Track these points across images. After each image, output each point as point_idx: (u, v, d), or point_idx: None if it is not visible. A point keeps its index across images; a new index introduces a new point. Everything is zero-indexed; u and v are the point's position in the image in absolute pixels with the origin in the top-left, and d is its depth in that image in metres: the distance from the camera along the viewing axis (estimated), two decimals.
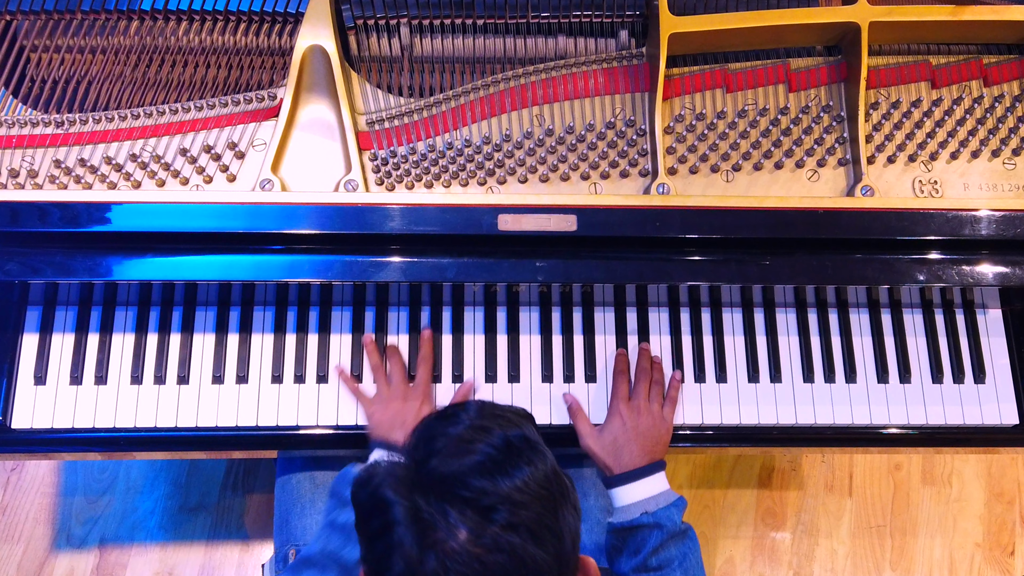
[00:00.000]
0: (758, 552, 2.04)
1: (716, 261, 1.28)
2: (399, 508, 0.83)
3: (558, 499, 0.86)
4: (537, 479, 0.85)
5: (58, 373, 1.34)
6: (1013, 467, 2.14)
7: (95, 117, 1.30)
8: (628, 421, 1.28)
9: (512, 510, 0.82)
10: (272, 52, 1.37)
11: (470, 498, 0.82)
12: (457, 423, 0.89)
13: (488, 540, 0.81)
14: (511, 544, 0.81)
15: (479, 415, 0.90)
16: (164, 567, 1.98)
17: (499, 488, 0.82)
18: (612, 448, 1.27)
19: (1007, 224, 1.26)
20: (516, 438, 0.87)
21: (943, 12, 1.32)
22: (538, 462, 0.87)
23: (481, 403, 0.94)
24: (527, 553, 0.81)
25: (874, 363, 1.40)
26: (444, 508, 0.82)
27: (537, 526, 0.83)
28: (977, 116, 1.35)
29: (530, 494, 0.83)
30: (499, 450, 0.85)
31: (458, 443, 0.86)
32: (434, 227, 1.23)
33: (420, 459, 0.86)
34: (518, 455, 0.86)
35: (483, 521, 0.81)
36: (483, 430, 0.87)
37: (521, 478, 0.84)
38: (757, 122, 1.33)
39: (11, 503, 2.02)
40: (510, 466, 0.84)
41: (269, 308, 1.38)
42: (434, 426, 0.90)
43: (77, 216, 1.22)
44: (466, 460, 0.84)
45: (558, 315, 1.40)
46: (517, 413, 0.94)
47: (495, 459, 0.84)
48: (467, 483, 0.82)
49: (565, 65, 1.34)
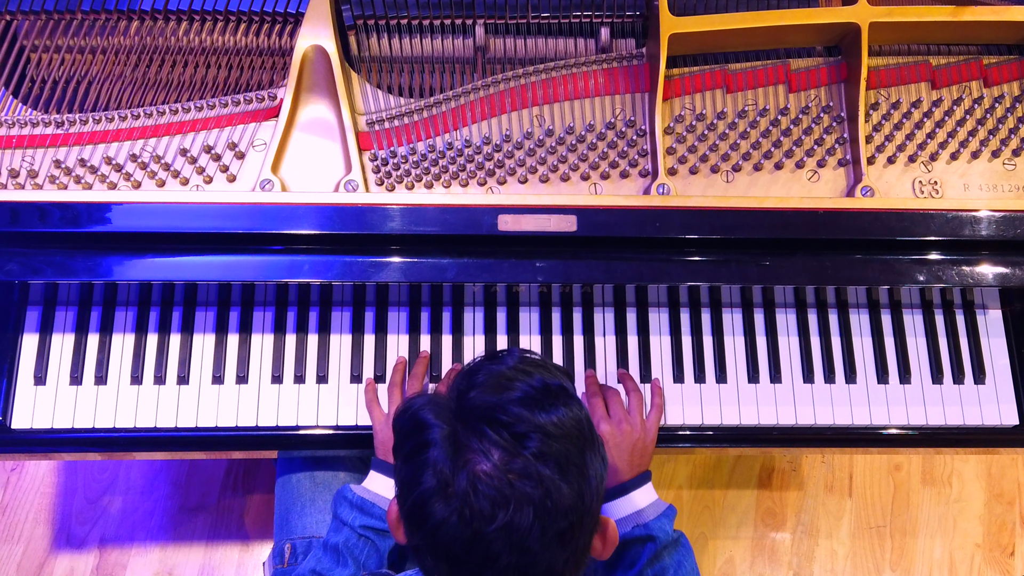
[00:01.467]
0: (758, 552, 2.04)
1: (716, 261, 1.28)
2: (436, 430, 0.87)
3: (588, 442, 0.90)
4: (571, 419, 0.89)
5: (58, 373, 1.34)
6: (1013, 468, 2.14)
7: (95, 117, 1.30)
8: (611, 439, 1.27)
9: (544, 440, 0.85)
10: (272, 52, 1.37)
11: (507, 422, 0.85)
12: (500, 363, 0.93)
13: (519, 465, 0.84)
14: (539, 473, 0.84)
15: (522, 360, 0.95)
16: (164, 567, 1.98)
17: (535, 418, 0.86)
18: None
19: (1007, 224, 1.26)
20: (554, 385, 0.91)
21: (943, 13, 1.32)
22: (574, 407, 0.91)
23: (525, 351, 1.00)
24: (554, 485, 0.84)
25: (874, 363, 1.40)
26: (482, 429, 0.85)
27: (565, 461, 0.86)
28: (977, 117, 1.35)
29: (563, 429, 0.87)
30: (537, 390, 0.89)
31: (499, 378, 0.90)
32: (434, 227, 1.23)
33: (462, 389, 0.91)
34: (555, 396, 0.89)
35: (516, 446, 0.84)
36: (524, 372, 0.91)
37: (557, 415, 0.87)
38: (757, 122, 1.33)
39: (11, 503, 2.02)
40: (547, 403, 0.88)
41: (269, 308, 1.38)
42: (479, 364, 0.95)
43: (77, 216, 1.22)
44: (505, 393, 0.88)
45: (558, 315, 1.40)
46: (557, 368, 1.00)
47: (532, 396, 0.88)
48: (506, 409, 0.86)
49: (565, 65, 1.34)
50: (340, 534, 1.18)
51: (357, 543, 1.17)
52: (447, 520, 0.84)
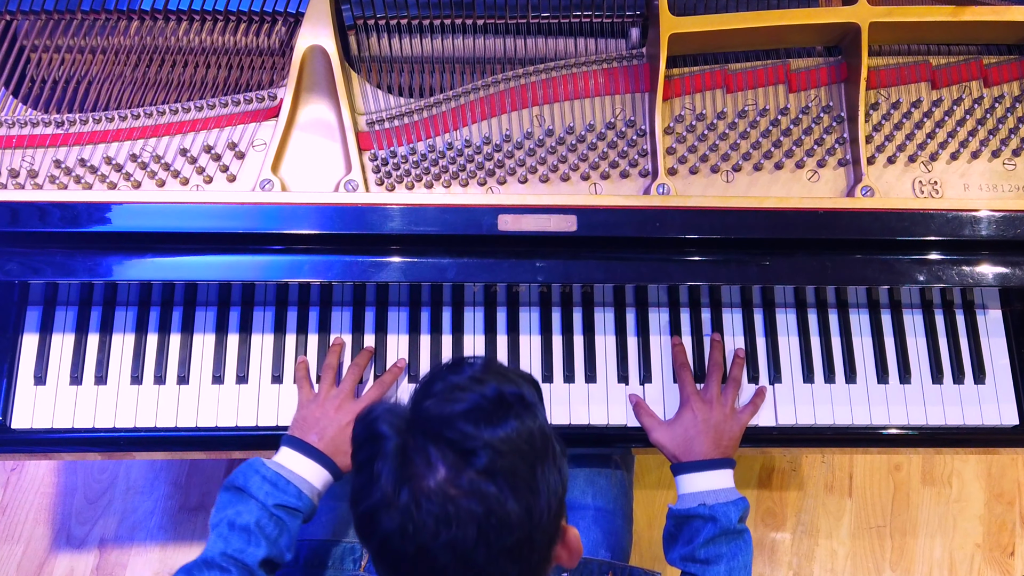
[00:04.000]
0: (758, 552, 2.04)
1: (716, 261, 1.28)
2: (389, 442, 0.85)
3: (540, 457, 0.87)
4: (521, 434, 0.86)
5: (58, 373, 1.34)
6: (1013, 468, 2.14)
7: (95, 117, 1.30)
8: (699, 414, 1.28)
9: (492, 457, 0.83)
10: (272, 52, 1.37)
11: (453, 439, 0.83)
12: (460, 373, 0.90)
13: (464, 483, 0.82)
14: (485, 490, 0.82)
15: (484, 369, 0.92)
16: (164, 567, 1.98)
17: (482, 434, 0.83)
18: (682, 440, 1.27)
19: (1007, 224, 1.26)
20: (510, 394, 0.88)
21: (943, 13, 1.32)
22: (527, 419, 0.87)
23: (489, 359, 0.97)
24: (499, 503, 0.82)
25: (874, 363, 1.40)
26: (427, 446, 0.84)
27: (513, 477, 0.84)
28: (977, 117, 1.35)
29: (511, 446, 0.84)
30: (489, 401, 0.86)
31: (452, 388, 0.87)
32: (434, 227, 1.23)
33: (417, 399, 0.89)
34: (507, 408, 0.87)
35: (461, 463, 0.83)
36: (479, 381, 0.88)
37: (505, 430, 0.85)
38: (757, 122, 1.33)
39: (11, 503, 2.02)
40: (497, 417, 0.85)
41: (269, 308, 1.38)
42: (437, 372, 0.92)
43: (77, 216, 1.22)
44: (456, 405, 0.85)
45: (558, 315, 1.40)
46: (520, 375, 0.95)
47: (483, 408, 0.86)
48: (453, 425, 0.84)
49: (565, 65, 1.34)
50: (249, 513, 1.14)
51: (268, 522, 1.13)
52: (392, 534, 0.83)
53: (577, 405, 1.36)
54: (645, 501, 2.04)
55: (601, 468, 1.49)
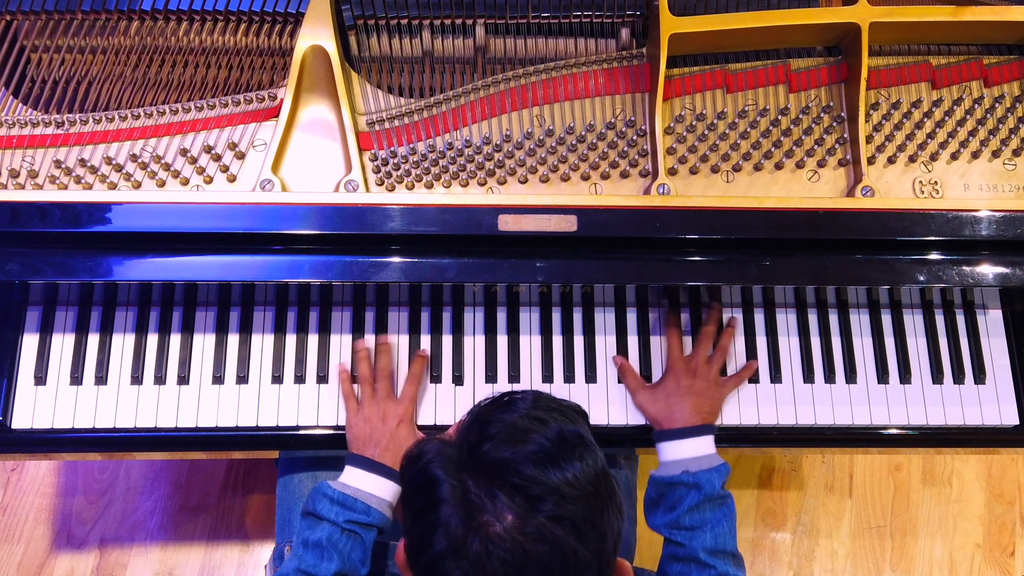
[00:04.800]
0: (758, 552, 2.04)
1: (716, 261, 1.28)
2: (447, 487, 0.84)
3: (605, 499, 0.87)
4: (587, 476, 0.86)
5: (58, 373, 1.34)
6: (1013, 468, 2.14)
7: (95, 117, 1.30)
8: (683, 379, 1.29)
9: (559, 502, 0.82)
10: (272, 52, 1.37)
11: (520, 485, 0.82)
12: (513, 411, 0.90)
13: (533, 529, 0.81)
14: (555, 536, 0.82)
15: (535, 405, 0.91)
16: (164, 567, 1.98)
17: (549, 479, 0.83)
18: (664, 405, 1.28)
19: (1007, 225, 1.26)
20: (571, 434, 0.88)
21: (943, 13, 1.31)
22: (589, 459, 0.87)
23: (538, 394, 0.95)
24: (569, 546, 0.82)
25: (874, 364, 1.40)
26: (493, 492, 0.83)
27: (582, 522, 0.83)
28: (977, 117, 1.35)
29: (579, 489, 0.84)
30: (553, 443, 0.86)
31: (512, 430, 0.87)
32: (434, 227, 1.23)
33: (473, 442, 0.87)
34: (571, 450, 0.86)
35: (530, 509, 0.82)
36: (539, 421, 0.88)
37: (572, 472, 0.84)
38: (757, 123, 1.33)
39: (11, 503, 2.02)
40: (562, 459, 0.85)
41: (269, 308, 1.38)
42: (489, 412, 0.91)
43: (77, 216, 1.21)
44: (519, 448, 0.85)
45: (558, 315, 1.40)
46: (573, 408, 0.95)
47: (548, 451, 0.85)
48: (518, 470, 0.83)
49: (565, 65, 1.34)
50: (320, 530, 1.16)
51: (341, 537, 1.16)
52: None
53: None
54: None
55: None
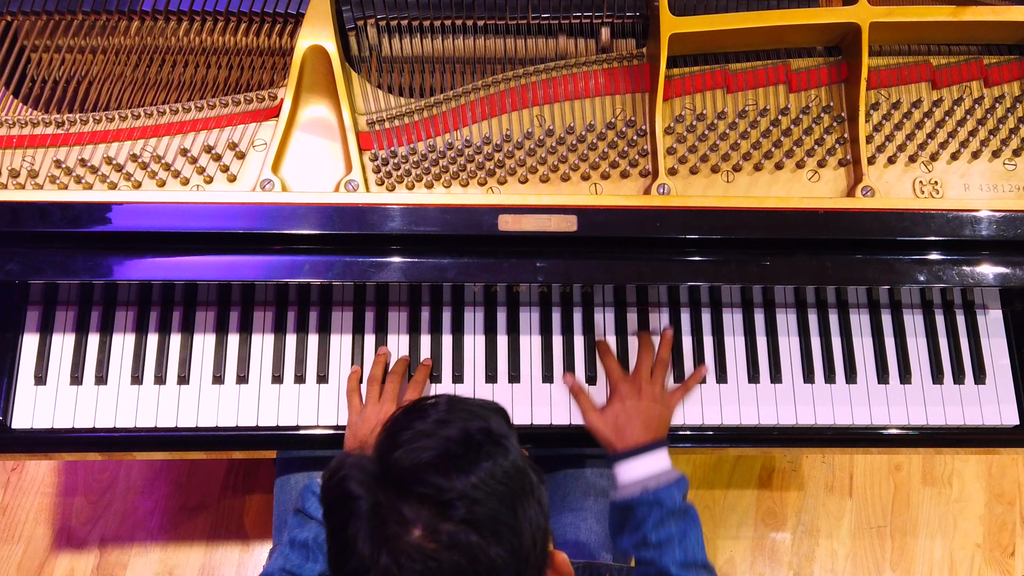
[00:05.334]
0: (758, 552, 2.04)
1: (716, 261, 1.28)
2: (361, 502, 0.82)
3: (518, 495, 0.85)
4: (495, 475, 0.83)
5: (58, 373, 1.34)
6: (1013, 468, 2.14)
7: (95, 117, 1.30)
8: (628, 400, 1.28)
9: (468, 506, 0.81)
10: (272, 52, 1.37)
11: (426, 494, 0.81)
12: (424, 417, 0.88)
13: (443, 537, 0.80)
14: (466, 541, 0.80)
15: (445, 409, 0.89)
16: (164, 567, 1.98)
17: (455, 484, 0.81)
18: (614, 426, 1.27)
19: (1007, 225, 1.26)
20: (477, 431, 0.86)
21: (943, 13, 1.32)
22: (499, 457, 0.85)
23: (451, 397, 0.93)
24: (482, 551, 0.80)
25: (874, 364, 1.40)
26: (400, 503, 0.81)
27: (493, 523, 0.82)
28: (977, 117, 1.35)
29: (487, 490, 0.82)
30: (457, 444, 0.84)
31: (418, 437, 0.85)
32: (434, 227, 1.23)
33: (383, 452, 0.86)
34: (477, 449, 0.84)
35: (438, 517, 0.80)
36: (444, 423, 0.86)
37: (478, 474, 0.82)
38: (757, 123, 1.33)
39: (11, 503, 2.02)
40: (467, 461, 0.83)
41: (269, 308, 1.38)
42: (400, 420, 0.89)
43: (78, 216, 1.21)
44: (423, 455, 0.83)
45: (558, 315, 1.40)
46: (484, 406, 0.93)
47: (453, 453, 0.83)
48: (423, 478, 0.81)
49: (565, 65, 1.34)
50: (308, 529, 1.16)
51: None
52: None
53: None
54: None
55: (603, 469, 1.49)
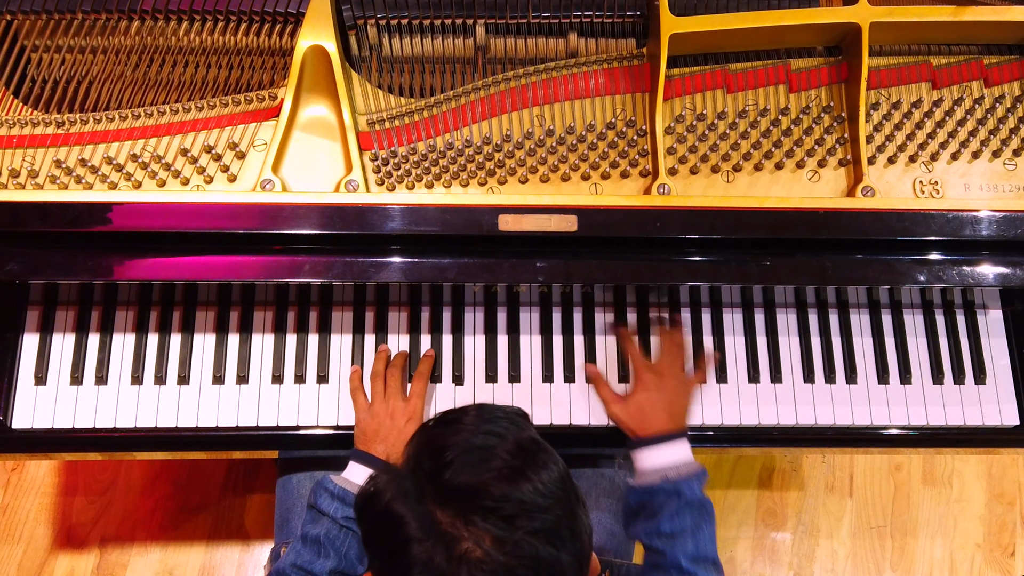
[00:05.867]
0: (758, 552, 2.04)
1: (716, 261, 1.28)
2: (414, 524, 0.84)
3: (574, 500, 0.88)
4: (554, 481, 0.87)
5: (59, 373, 1.34)
6: (1014, 468, 2.14)
7: (95, 117, 1.30)
8: (651, 384, 1.28)
9: (534, 516, 0.83)
10: (273, 52, 1.37)
11: (492, 507, 0.83)
12: (461, 429, 0.89)
13: (511, 548, 0.82)
14: (535, 549, 0.82)
15: (480, 419, 0.91)
16: (164, 567, 1.98)
17: (520, 495, 0.84)
18: (638, 414, 1.27)
19: (1008, 225, 1.26)
20: (527, 441, 0.89)
21: (944, 13, 1.31)
22: (551, 464, 0.88)
23: (480, 407, 0.95)
24: (552, 556, 0.83)
25: (874, 364, 1.40)
26: (466, 519, 0.83)
27: (558, 528, 0.84)
28: (978, 117, 1.35)
29: (550, 498, 0.85)
30: (514, 455, 0.87)
31: (470, 451, 0.87)
32: (435, 227, 1.23)
33: (430, 471, 0.87)
34: (532, 458, 0.87)
35: (508, 528, 0.82)
36: (494, 435, 0.88)
37: (540, 482, 0.85)
38: (758, 123, 1.33)
39: (11, 503, 2.02)
40: (528, 470, 0.86)
41: (269, 308, 1.38)
42: (439, 436, 0.90)
43: (78, 216, 1.21)
44: (483, 469, 0.85)
45: (558, 315, 1.40)
46: (517, 413, 0.95)
47: (512, 465, 0.86)
48: (488, 492, 0.83)
49: (566, 65, 1.34)
50: (320, 525, 1.17)
51: (339, 534, 1.16)
52: None
53: (578, 405, 1.36)
54: None
55: (604, 469, 1.49)
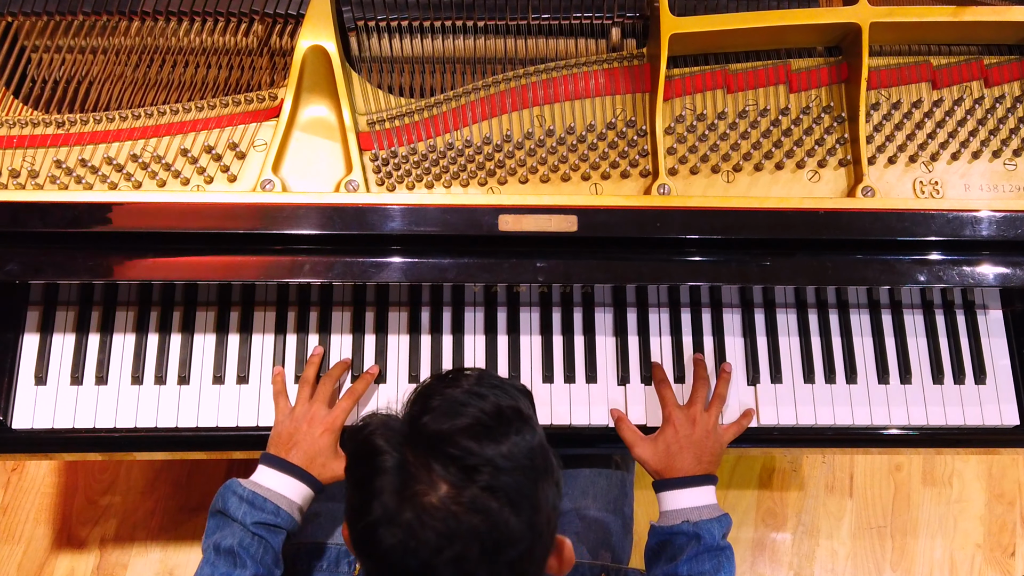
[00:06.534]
0: (759, 552, 2.04)
1: (717, 262, 1.28)
2: (388, 458, 0.86)
3: (540, 472, 0.88)
4: (523, 449, 0.87)
5: (59, 373, 1.34)
6: (1014, 468, 2.14)
7: (95, 117, 1.30)
8: (682, 429, 1.27)
9: (494, 473, 0.84)
10: (273, 52, 1.37)
11: (455, 456, 0.84)
12: (455, 386, 0.92)
13: (467, 499, 0.83)
14: (488, 506, 0.83)
15: (478, 382, 0.93)
16: (164, 567, 1.98)
17: (484, 451, 0.85)
18: (664, 456, 1.26)
19: (1008, 225, 1.26)
20: (508, 408, 0.90)
21: (944, 13, 1.31)
22: (526, 433, 0.89)
23: (482, 371, 0.98)
24: (502, 518, 0.83)
25: (874, 364, 1.39)
26: (428, 463, 0.84)
27: (516, 494, 0.85)
28: (978, 117, 1.35)
29: (514, 462, 0.86)
30: (490, 416, 0.88)
31: (452, 404, 0.89)
32: (435, 227, 1.23)
33: (414, 414, 0.89)
34: (507, 424, 0.88)
35: (465, 480, 0.83)
36: (478, 396, 0.90)
37: (507, 445, 0.86)
38: (758, 123, 1.33)
39: (11, 503, 2.02)
40: (498, 433, 0.87)
41: (269, 308, 1.38)
42: (433, 386, 0.93)
43: (78, 216, 1.21)
44: (457, 420, 0.87)
45: (558, 316, 1.40)
46: (515, 386, 0.97)
47: (485, 423, 0.87)
48: (455, 441, 0.85)
49: (566, 66, 1.34)
50: (232, 535, 1.14)
51: (252, 542, 1.14)
52: (394, 549, 0.83)
53: (578, 405, 1.36)
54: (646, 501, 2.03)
55: (601, 468, 1.49)
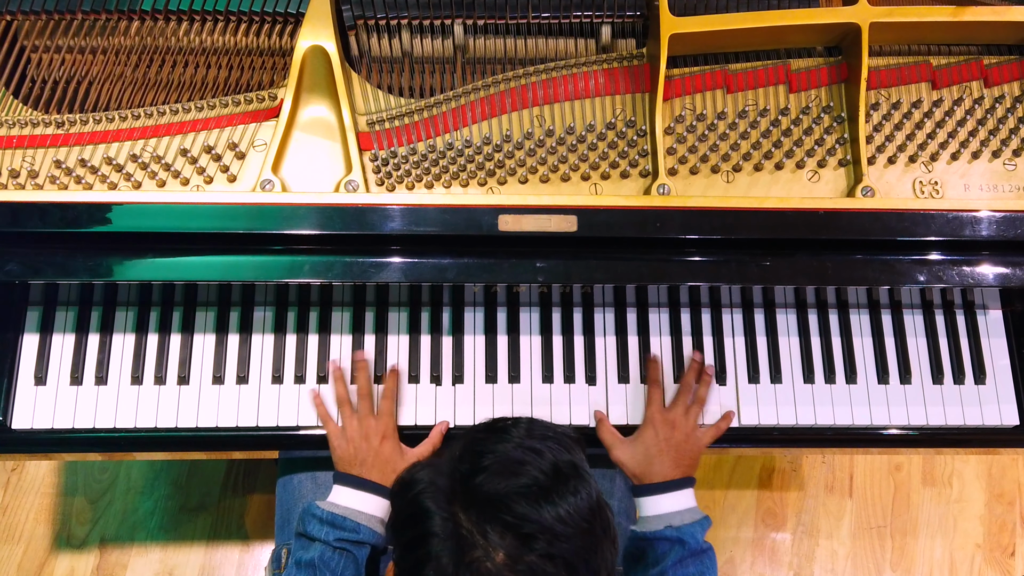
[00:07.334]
0: (758, 552, 2.04)
1: (716, 262, 1.28)
2: (438, 520, 0.84)
3: (599, 535, 0.87)
4: (581, 511, 0.85)
5: (58, 373, 1.34)
6: (1013, 468, 2.14)
7: (95, 117, 1.30)
8: (661, 432, 1.27)
9: (552, 540, 0.82)
10: (272, 52, 1.37)
11: (512, 523, 0.82)
12: (506, 440, 0.89)
13: (524, 568, 0.81)
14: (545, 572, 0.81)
15: (529, 434, 0.90)
16: (164, 567, 1.98)
17: (542, 517, 0.83)
18: (643, 459, 1.26)
19: (1007, 225, 1.26)
20: (565, 464, 0.87)
21: (944, 13, 1.31)
22: (583, 492, 0.87)
23: (532, 421, 0.94)
24: None
25: (874, 364, 1.40)
26: (485, 528, 0.82)
27: (575, 559, 0.83)
28: (978, 117, 1.35)
29: (572, 527, 0.84)
30: (547, 475, 0.85)
31: (506, 462, 0.86)
32: (434, 227, 1.23)
33: (465, 473, 0.87)
34: (564, 483, 0.86)
35: (522, 548, 0.81)
36: (533, 451, 0.87)
37: (565, 508, 0.84)
38: (757, 123, 1.33)
39: (11, 503, 2.02)
40: (556, 494, 0.84)
41: (269, 308, 1.38)
42: (482, 440, 0.90)
43: (78, 216, 1.21)
44: (512, 482, 0.84)
45: (558, 316, 1.40)
46: (568, 435, 0.94)
47: (542, 484, 0.85)
48: (511, 507, 0.83)
49: (565, 65, 1.34)
50: (312, 550, 1.16)
51: (333, 556, 1.16)
52: None
53: (578, 406, 1.36)
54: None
55: (605, 470, 1.49)
